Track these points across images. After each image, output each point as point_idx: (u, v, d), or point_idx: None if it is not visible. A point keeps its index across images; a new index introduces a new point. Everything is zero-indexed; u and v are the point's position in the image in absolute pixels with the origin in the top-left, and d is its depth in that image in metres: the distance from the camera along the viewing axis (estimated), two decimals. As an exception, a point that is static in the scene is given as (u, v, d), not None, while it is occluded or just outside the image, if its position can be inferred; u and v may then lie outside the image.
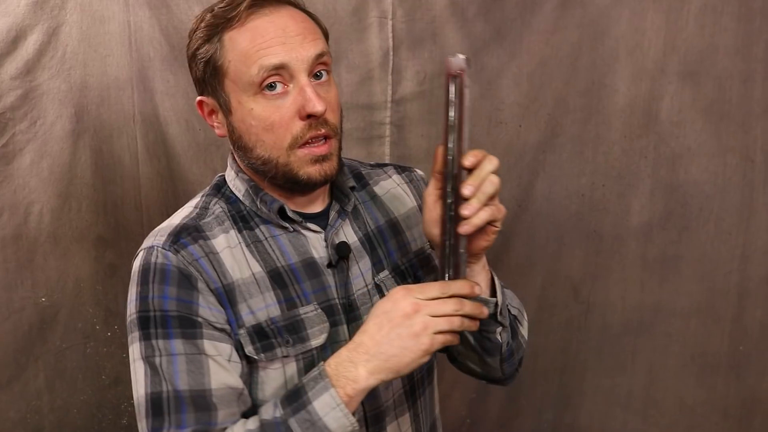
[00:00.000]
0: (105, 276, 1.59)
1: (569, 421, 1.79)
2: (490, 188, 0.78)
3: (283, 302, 0.87)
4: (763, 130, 1.62)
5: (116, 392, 1.65)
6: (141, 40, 1.49)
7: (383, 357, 0.77)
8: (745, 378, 1.77)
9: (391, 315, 0.77)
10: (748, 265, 1.70)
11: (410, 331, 0.76)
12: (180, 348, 0.81)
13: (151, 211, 1.56)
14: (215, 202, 0.93)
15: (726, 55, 1.59)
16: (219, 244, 0.88)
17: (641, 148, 1.62)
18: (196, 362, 0.81)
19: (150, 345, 0.81)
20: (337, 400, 0.76)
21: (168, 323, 0.82)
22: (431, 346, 0.77)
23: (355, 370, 0.77)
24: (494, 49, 1.56)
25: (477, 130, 1.60)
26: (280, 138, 0.85)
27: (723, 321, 1.73)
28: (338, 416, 0.76)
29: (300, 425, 0.76)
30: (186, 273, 0.84)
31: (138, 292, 0.84)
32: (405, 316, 0.77)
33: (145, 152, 1.54)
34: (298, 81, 0.84)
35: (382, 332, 0.77)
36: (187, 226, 0.89)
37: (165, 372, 0.80)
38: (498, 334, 0.95)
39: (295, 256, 0.90)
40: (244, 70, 0.83)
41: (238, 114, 0.86)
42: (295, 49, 0.83)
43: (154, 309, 0.82)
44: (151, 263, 0.85)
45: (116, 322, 1.62)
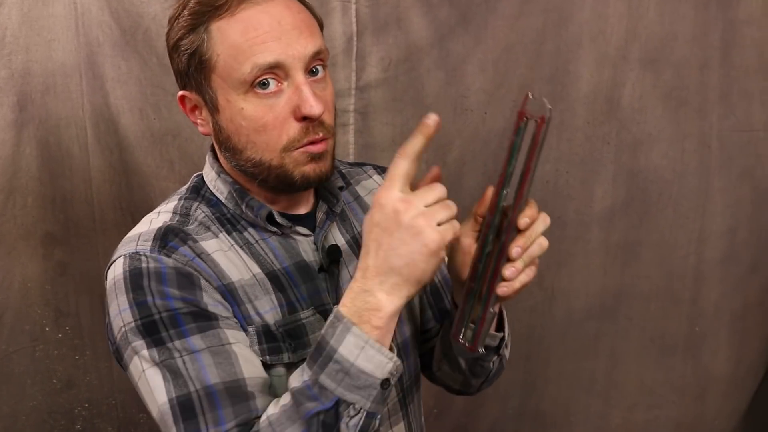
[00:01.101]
0: (54, 275, 1.50)
1: (533, 407, 1.81)
2: (537, 251, 0.73)
3: (285, 306, 0.82)
4: (719, 116, 1.66)
5: (69, 396, 1.57)
6: (89, 24, 1.40)
7: (396, 271, 0.67)
8: (701, 357, 1.83)
9: (384, 223, 0.68)
10: (704, 248, 1.75)
11: (411, 231, 0.66)
12: (200, 343, 0.73)
13: (103, 206, 1.48)
14: (196, 207, 0.85)
15: (684, 42, 1.61)
16: (210, 246, 0.81)
17: (604, 134, 1.63)
18: (222, 354, 0.73)
19: (164, 348, 0.73)
20: (364, 338, 0.67)
21: (179, 321, 0.73)
22: (442, 238, 0.67)
23: (373, 297, 0.68)
24: (460, 35, 1.53)
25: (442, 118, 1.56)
26: (273, 140, 0.78)
27: (680, 303, 1.78)
28: (371, 354, 0.67)
29: (333, 379, 0.67)
30: (185, 272, 0.76)
31: (131, 300, 0.75)
32: (398, 217, 0.67)
33: (96, 143, 1.45)
34: (293, 79, 0.77)
35: (383, 245, 0.68)
36: (172, 228, 0.81)
37: (190, 371, 0.72)
38: (491, 362, 0.92)
39: (288, 259, 0.85)
40: (235, 67, 0.75)
41: (227, 113, 0.79)
42: (291, 45, 0.76)
43: (158, 311, 0.74)
44: (141, 268, 0.76)
45: (67, 323, 1.53)
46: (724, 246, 1.76)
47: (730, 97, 1.66)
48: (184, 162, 1.48)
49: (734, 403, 1.89)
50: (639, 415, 1.85)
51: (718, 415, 1.88)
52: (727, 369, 1.85)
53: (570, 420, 1.83)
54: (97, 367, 1.56)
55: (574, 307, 1.74)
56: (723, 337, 1.82)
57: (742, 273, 1.79)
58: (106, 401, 1.59)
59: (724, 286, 1.78)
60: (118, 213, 1.49)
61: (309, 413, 0.67)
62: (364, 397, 0.68)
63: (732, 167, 1.70)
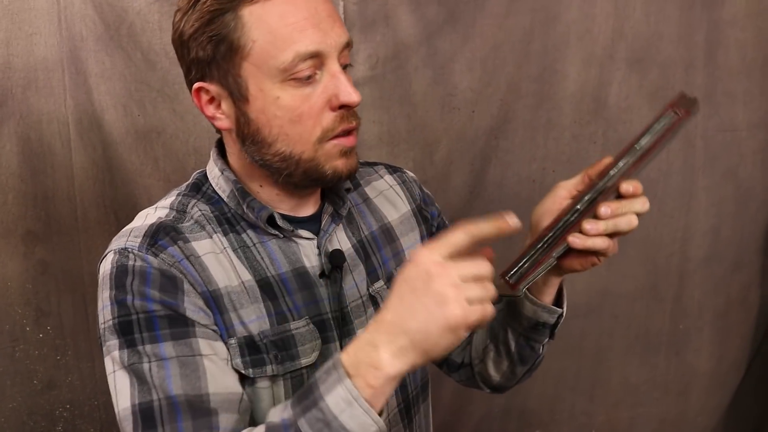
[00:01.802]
0: (35, 273, 1.47)
1: (519, 406, 1.81)
2: (624, 224, 0.73)
3: (273, 315, 0.78)
4: (703, 116, 1.68)
5: (50, 397, 1.54)
6: (72, 18, 1.37)
7: (408, 334, 0.62)
8: (684, 355, 1.85)
9: (413, 282, 0.63)
10: (688, 246, 1.76)
11: (436, 298, 0.61)
12: (171, 351, 0.71)
13: (85, 203, 1.45)
14: (194, 205, 0.82)
15: (669, 42, 1.62)
16: (201, 248, 0.78)
17: (591, 133, 1.64)
18: (190, 365, 0.71)
19: (135, 351, 0.71)
20: (354, 393, 0.62)
21: (155, 325, 0.71)
22: (465, 317, 0.61)
23: (376, 354, 0.63)
24: (447, 33, 1.53)
25: (430, 116, 1.57)
26: (308, 131, 0.75)
27: (665, 301, 1.80)
28: (358, 414, 0.62)
29: (311, 426, 0.63)
30: (169, 275, 0.74)
31: (112, 297, 0.73)
32: (428, 280, 0.61)
33: (79, 140, 1.42)
34: (328, 68, 0.75)
35: (404, 303, 0.63)
36: (165, 225, 0.78)
37: (155, 378, 0.70)
38: (542, 345, 0.91)
39: (286, 264, 0.81)
40: (274, 54, 0.72)
41: (258, 103, 0.75)
42: (328, 34, 0.74)
43: (136, 311, 0.72)
44: (127, 266, 0.74)
45: (48, 323, 1.50)
46: (708, 244, 1.77)
47: (714, 97, 1.68)
48: (168, 159, 1.46)
49: (717, 400, 1.92)
50: (623, 412, 1.86)
51: (701, 411, 1.90)
52: (709, 366, 1.87)
53: (555, 418, 1.84)
54: (79, 368, 1.54)
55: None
56: (706, 334, 1.84)
57: (724, 271, 1.81)
58: (88, 402, 1.56)
59: (707, 284, 1.80)
60: (101, 211, 1.46)
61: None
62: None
63: (716, 167, 1.72)
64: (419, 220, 0.98)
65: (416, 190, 1.00)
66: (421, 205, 1.00)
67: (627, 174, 0.73)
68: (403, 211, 0.97)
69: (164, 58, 1.41)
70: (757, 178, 1.77)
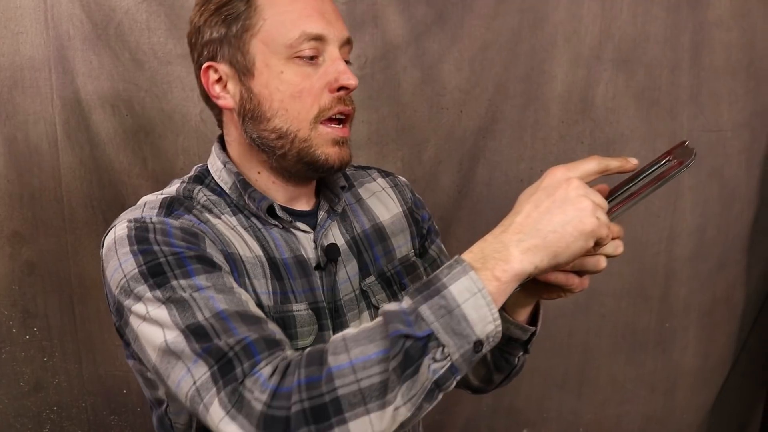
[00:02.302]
0: (22, 275, 1.46)
1: (507, 405, 1.82)
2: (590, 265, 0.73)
3: (278, 294, 0.81)
4: (689, 116, 1.69)
5: (36, 399, 1.53)
6: (59, 17, 1.36)
7: (541, 234, 0.64)
8: (671, 353, 1.86)
9: (552, 188, 0.66)
10: (674, 245, 1.78)
11: (576, 205, 0.64)
12: (205, 282, 0.71)
13: (73, 204, 1.44)
14: (199, 191, 0.85)
15: (656, 43, 1.64)
16: (215, 219, 0.82)
17: (578, 133, 1.65)
18: (227, 292, 0.71)
19: (169, 287, 0.70)
20: (479, 285, 0.63)
21: (185, 262, 0.71)
22: (598, 227, 0.65)
23: (505, 249, 0.64)
24: (436, 33, 1.53)
25: (418, 116, 1.57)
26: (306, 108, 0.80)
27: (651, 300, 1.81)
28: (480, 304, 0.62)
29: (434, 312, 0.62)
30: (191, 231, 0.76)
31: (134, 250, 0.73)
32: (569, 187, 0.65)
33: (66, 139, 1.41)
34: (330, 53, 0.81)
35: (541, 208, 0.65)
36: (176, 199, 0.82)
37: (198, 301, 0.69)
38: (516, 357, 0.93)
39: (288, 251, 0.85)
40: (283, 32, 0.79)
41: (264, 77, 0.80)
42: (333, 24, 0.81)
43: (164, 255, 0.72)
44: (147, 225, 0.75)
45: (35, 324, 1.49)
46: (693, 243, 1.79)
47: (700, 97, 1.69)
48: (157, 159, 1.45)
49: (702, 397, 1.93)
50: (610, 410, 1.87)
51: (686, 408, 1.92)
52: (695, 364, 1.89)
53: (543, 416, 1.85)
54: (67, 369, 1.53)
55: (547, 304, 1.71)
56: (692, 332, 1.86)
57: (710, 270, 1.83)
58: (75, 404, 1.55)
59: (693, 283, 1.82)
60: (89, 211, 1.45)
61: (396, 332, 0.62)
62: (456, 345, 0.62)
63: (701, 167, 1.73)
64: (410, 221, 1.01)
65: (408, 193, 1.03)
66: (413, 207, 1.02)
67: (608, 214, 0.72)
68: (394, 212, 0.99)
69: (152, 58, 1.41)
70: (742, 177, 1.79)
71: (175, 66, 1.42)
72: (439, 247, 1.04)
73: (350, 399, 0.61)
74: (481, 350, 0.64)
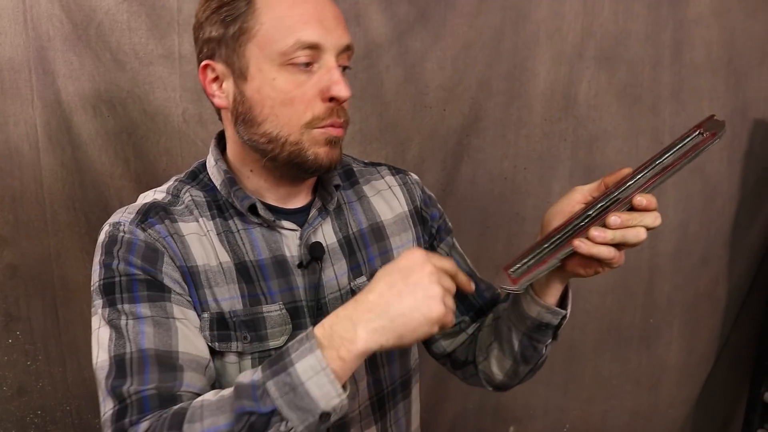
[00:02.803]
0: (4, 278, 1.45)
1: (494, 402, 1.82)
2: (631, 237, 0.73)
3: (247, 297, 0.83)
4: (671, 113, 1.71)
5: (20, 403, 1.52)
6: (38, 17, 1.35)
7: (390, 316, 0.68)
8: (655, 348, 1.88)
9: (408, 273, 0.70)
10: (658, 242, 1.79)
11: (427, 292, 0.69)
12: (146, 311, 0.77)
13: (55, 206, 1.43)
14: (186, 191, 0.88)
15: (637, 40, 1.65)
16: (187, 228, 0.84)
17: (561, 131, 1.66)
18: (163, 325, 0.77)
19: (115, 309, 0.77)
20: (322, 364, 0.67)
21: (134, 287, 0.78)
22: (444, 315, 0.70)
23: (353, 329, 0.68)
24: (418, 32, 1.54)
25: (402, 114, 1.58)
26: (297, 115, 0.80)
27: (635, 296, 1.82)
28: (323, 382, 0.66)
29: (279, 389, 0.66)
30: (153, 247, 0.80)
31: (101, 261, 0.80)
32: (423, 274, 0.70)
33: (47, 141, 1.40)
34: (325, 62, 0.80)
35: (394, 290, 0.69)
36: (156, 205, 0.85)
37: (130, 333, 0.75)
38: (545, 346, 0.92)
39: (266, 251, 0.85)
40: (277, 38, 0.78)
41: (256, 82, 0.80)
42: (331, 32, 0.80)
43: (119, 274, 0.79)
44: (117, 236, 0.81)
45: (18, 328, 1.48)
46: (676, 239, 1.81)
47: (681, 94, 1.71)
48: (139, 160, 1.44)
49: (687, 392, 1.95)
50: (596, 406, 1.88)
51: (671, 403, 1.94)
52: (679, 359, 1.91)
53: (530, 413, 1.85)
54: (50, 373, 1.52)
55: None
56: (675, 328, 1.88)
57: (692, 265, 1.85)
58: (60, 407, 1.54)
59: (677, 278, 1.84)
60: (71, 213, 1.44)
61: (242, 409, 0.67)
62: (299, 419, 0.66)
63: (683, 163, 1.75)
64: (415, 221, 1.00)
65: (417, 192, 1.02)
66: (421, 206, 1.01)
67: (643, 187, 0.74)
68: (398, 211, 0.99)
69: (134, 58, 1.40)
70: (724, 173, 1.80)
71: (157, 66, 1.41)
72: (449, 245, 1.03)
73: None
74: (328, 419, 0.68)
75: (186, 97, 1.43)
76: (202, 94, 1.44)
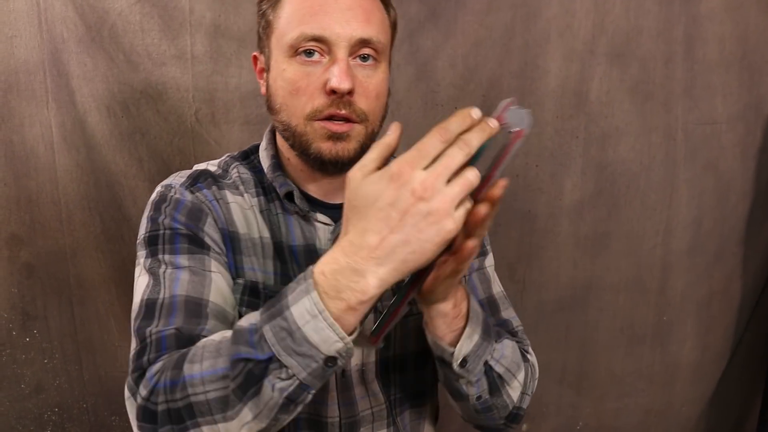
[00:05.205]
0: (21, 277, 1.46)
1: (507, 399, 1.82)
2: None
3: (279, 275, 0.86)
4: (683, 109, 1.70)
5: (38, 401, 1.54)
6: (52, 20, 1.36)
7: (399, 257, 0.60)
8: (668, 346, 1.87)
9: (400, 203, 0.58)
10: (671, 238, 1.78)
11: (430, 218, 0.58)
12: (185, 262, 0.80)
13: (70, 206, 1.45)
14: (235, 167, 0.92)
15: (649, 37, 1.64)
16: (232, 198, 0.88)
17: (572, 128, 1.65)
18: (199, 274, 0.79)
19: (156, 260, 0.80)
20: (319, 307, 0.61)
21: (176, 240, 0.81)
22: (456, 225, 0.59)
23: (362, 279, 0.60)
24: (429, 30, 1.54)
25: (413, 113, 1.58)
26: (301, 105, 0.81)
27: (648, 293, 1.82)
28: (320, 327, 0.61)
29: (275, 334, 0.62)
30: (198, 208, 0.85)
31: (149, 216, 0.85)
32: (419, 200, 0.58)
33: (62, 142, 1.42)
34: (334, 55, 0.80)
35: (392, 225, 0.59)
36: (206, 173, 0.90)
37: (167, 280, 0.78)
38: (463, 385, 0.82)
39: (300, 238, 0.88)
40: (288, 31, 0.81)
41: (273, 73, 0.85)
42: (339, 24, 0.79)
43: (163, 228, 0.83)
44: (167, 195, 0.86)
45: (35, 326, 1.50)
46: (690, 236, 1.80)
47: (694, 90, 1.70)
48: (153, 160, 1.46)
49: (701, 390, 1.94)
50: (609, 403, 1.88)
51: (685, 401, 1.93)
52: (693, 356, 1.90)
53: (542, 411, 1.85)
54: (67, 371, 1.53)
55: (545, 299, 1.76)
56: (689, 325, 1.87)
57: (706, 262, 1.84)
58: (77, 405, 1.56)
59: (690, 275, 1.83)
60: (86, 213, 1.46)
61: (238, 355, 0.63)
62: (301, 366, 0.62)
63: (696, 159, 1.74)
64: None
65: None
66: None
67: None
68: None
69: (147, 59, 1.41)
70: (737, 170, 1.79)
71: (170, 67, 1.42)
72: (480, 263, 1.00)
73: (200, 408, 0.65)
74: (335, 364, 0.63)
75: (199, 97, 1.45)
76: (214, 93, 1.46)
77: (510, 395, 0.87)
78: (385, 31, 0.84)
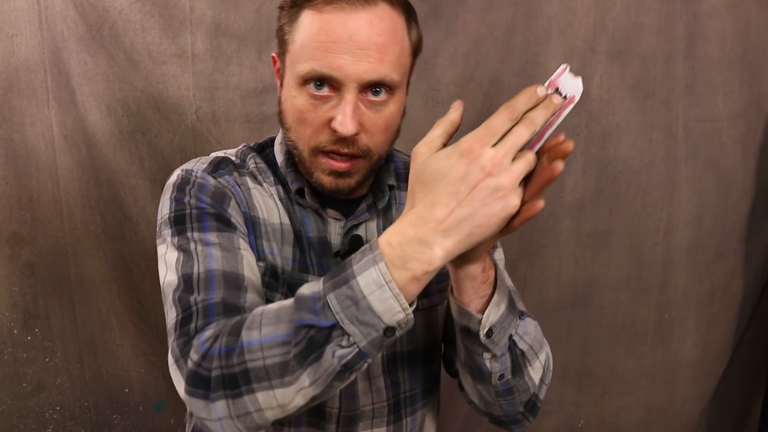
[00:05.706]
0: (22, 276, 1.47)
1: (508, 397, 1.82)
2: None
3: (297, 262, 0.87)
4: (684, 107, 1.69)
5: (39, 399, 1.54)
6: (53, 18, 1.36)
7: (466, 230, 0.62)
8: (669, 344, 1.87)
9: (469, 178, 0.60)
10: (672, 236, 1.78)
11: (498, 194, 0.60)
12: (215, 239, 0.80)
13: (71, 204, 1.45)
14: (251, 157, 0.92)
15: (650, 34, 1.64)
16: (253, 184, 0.89)
17: (573, 126, 1.65)
18: (230, 251, 0.80)
19: (185, 237, 0.80)
20: (386, 277, 0.62)
21: (204, 218, 0.82)
22: (520, 200, 0.62)
23: (429, 251, 0.62)
24: (430, 28, 1.53)
25: (414, 111, 1.58)
26: (307, 136, 0.82)
27: (650, 291, 1.81)
28: (386, 297, 0.62)
29: (340, 302, 0.63)
30: (221, 191, 0.85)
31: (172, 197, 0.84)
32: (487, 176, 0.60)
33: (63, 141, 1.42)
34: (343, 94, 0.78)
35: (460, 199, 0.61)
36: (227, 160, 0.90)
37: (199, 255, 0.78)
38: (486, 360, 0.80)
39: (315, 231, 0.89)
40: (300, 60, 0.79)
41: (285, 92, 0.84)
42: (350, 65, 0.76)
43: (190, 207, 0.83)
44: (189, 178, 0.86)
45: (36, 325, 1.50)
46: (691, 234, 1.79)
47: (695, 88, 1.69)
48: (154, 159, 1.46)
49: (702, 387, 1.94)
50: (611, 401, 1.88)
51: (687, 399, 1.92)
52: (695, 354, 1.89)
53: (544, 409, 1.85)
54: (69, 369, 1.54)
55: (546, 297, 1.76)
56: (691, 323, 1.86)
57: (708, 260, 1.83)
58: (78, 404, 1.56)
59: (691, 273, 1.82)
60: (87, 211, 1.46)
61: (301, 322, 0.64)
62: (362, 334, 0.63)
63: (697, 157, 1.74)
64: None
65: None
66: None
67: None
68: None
69: (147, 58, 1.41)
70: (738, 167, 1.79)
71: (170, 65, 1.42)
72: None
73: (257, 373, 0.66)
74: (393, 334, 0.65)
75: (199, 96, 1.45)
76: (215, 92, 1.46)
77: (531, 377, 0.86)
78: (401, 64, 0.81)
